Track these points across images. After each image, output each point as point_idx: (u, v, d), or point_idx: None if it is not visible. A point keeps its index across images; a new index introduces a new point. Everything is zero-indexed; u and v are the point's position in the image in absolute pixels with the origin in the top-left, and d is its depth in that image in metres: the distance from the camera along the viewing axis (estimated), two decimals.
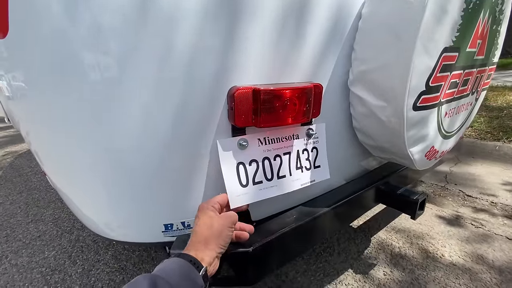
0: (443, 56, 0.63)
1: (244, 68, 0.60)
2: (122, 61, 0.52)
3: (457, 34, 0.64)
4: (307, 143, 0.73)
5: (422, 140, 0.73)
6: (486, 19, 0.75)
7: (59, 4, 0.49)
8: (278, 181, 0.68)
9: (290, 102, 0.62)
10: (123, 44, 0.51)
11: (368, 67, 0.66)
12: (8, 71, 0.69)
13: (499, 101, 3.14)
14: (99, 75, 0.53)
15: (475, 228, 1.40)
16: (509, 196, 1.72)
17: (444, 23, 0.59)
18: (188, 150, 0.62)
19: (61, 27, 0.50)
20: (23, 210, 1.82)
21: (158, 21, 0.50)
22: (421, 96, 0.63)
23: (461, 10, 0.62)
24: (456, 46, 0.66)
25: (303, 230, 0.72)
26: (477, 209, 1.59)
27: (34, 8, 0.51)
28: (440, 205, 1.66)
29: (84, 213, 0.79)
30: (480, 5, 0.68)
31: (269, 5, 0.58)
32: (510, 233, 1.34)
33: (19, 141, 3.53)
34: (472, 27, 0.69)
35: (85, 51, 0.51)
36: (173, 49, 0.53)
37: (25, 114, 0.76)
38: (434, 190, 1.85)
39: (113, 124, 0.57)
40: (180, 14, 0.51)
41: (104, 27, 0.49)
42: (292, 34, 0.63)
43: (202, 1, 0.51)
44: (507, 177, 1.96)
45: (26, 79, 0.63)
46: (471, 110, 0.96)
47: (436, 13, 0.56)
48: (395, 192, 0.98)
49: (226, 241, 0.51)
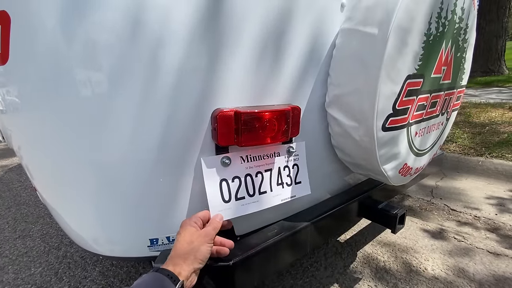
0: (407, 83, 0.69)
1: (227, 91, 0.65)
2: (111, 80, 0.55)
3: (419, 62, 0.71)
4: (288, 160, 0.78)
5: (394, 158, 0.78)
6: (449, 48, 0.83)
7: (55, 35, 0.54)
8: (260, 197, 0.72)
9: (269, 123, 0.68)
10: (113, 64, 0.54)
11: (342, 91, 0.72)
12: (4, 90, 0.73)
13: (481, 118, 3.27)
14: (88, 93, 0.56)
15: (458, 242, 1.44)
16: (492, 210, 1.77)
17: (405, 54, 0.66)
18: (174, 167, 0.66)
19: (54, 50, 0.54)
20: (11, 225, 1.80)
21: (148, 43, 0.55)
22: (389, 118, 0.69)
23: (422, 42, 0.69)
24: (420, 73, 0.73)
25: (284, 244, 0.75)
26: (461, 223, 1.63)
27: (32, 39, 0.56)
28: (426, 219, 1.70)
29: (73, 229, 0.81)
30: (441, 37, 0.76)
31: (251, 34, 0.64)
32: (492, 247, 1.38)
33: (9, 155, 3.50)
34: (435, 56, 0.77)
35: (75, 71, 0.55)
36: (160, 70, 0.57)
37: (18, 128, 0.79)
38: (420, 204, 1.90)
39: (100, 140, 0.60)
40: (168, 38, 0.56)
41: (96, 47, 0.53)
42: (272, 60, 0.69)
43: (189, 27, 0.57)
44: (490, 192, 2.02)
45: (21, 96, 0.66)
46: (443, 129, 1.02)
47: (397, 46, 0.63)
48: (376, 206, 1.03)
49: (205, 256, 0.55)
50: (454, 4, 0.76)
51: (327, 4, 0.74)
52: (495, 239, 1.45)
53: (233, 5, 0.60)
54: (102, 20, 0.52)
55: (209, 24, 0.59)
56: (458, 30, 0.83)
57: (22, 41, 0.56)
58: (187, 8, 0.56)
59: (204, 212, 0.63)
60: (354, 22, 0.70)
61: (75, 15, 0.52)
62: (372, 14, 0.66)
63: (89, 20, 0.52)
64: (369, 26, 0.65)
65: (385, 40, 0.61)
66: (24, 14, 0.54)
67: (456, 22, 0.81)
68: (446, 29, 0.76)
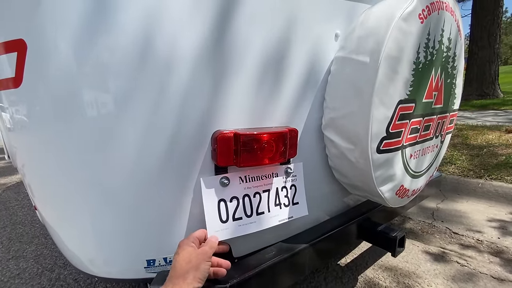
0: (399, 107, 0.73)
1: (227, 114, 0.69)
2: (117, 102, 0.58)
3: (410, 88, 0.75)
4: (286, 181, 0.79)
5: (390, 180, 0.80)
6: (438, 75, 0.88)
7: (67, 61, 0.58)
8: (257, 217, 0.72)
9: (267, 144, 0.70)
10: (120, 87, 0.58)
11: (337, 115, 0.75)
12: (14, 109, 0.76)
13: (479, 140, 3.30)
14: (93, 115, 0.59)
15: (461, 267, 1.40)
16: (495, 233, 1.74)
17: (396, 80, 0.70)
18: (173, 188, 0.67)
19: (66, 75, 0.58)
20: (5, 245, 1.76)
21: (155, 69, 0.58)
22: (383, 141, 0.72)
23: (412, 70, 0.73)
24: (412, 98, 0.77)
25: (282, 266, 0.74)
26: (463, 246, 1.60)
27: (45, 65, 0.59)
28: (427, 242, 1.67)
29: (70, 249, 0.81)
30: (430, 65, 0.80)
31: (251, 61, 0.68)
32: (495, 272, 1.35)
33: (8, 173, 3.50)
34: (425, 83, 0.81)
35: (83, 95, 0.58)
36: (166, 94, 0.61)
37: (23, 146, 0.81)
38: (422, 227, 1.87)
39: (102, 161, 0.62)
40: (175, 64, 0.60)
41: (106, 72, 0.57)
42: (271, 85, 0.73)
43: (195, 54, 0.61)
44: (492, 214, 2.00)
45: (29, 115, 0.68)
46: (438, 152, 1.05)
47: (388, 73, 0.67)
48: (375, 228, 1.02)
49: (203, 275, 0.54)
50: (441, 35, 0.82)
51: (322, 34, 0.80)
52: (498, 263, 1.42)
53: (236, 34, 0.65)
54: (113, 46, 0.56)
55: (213, 51, 0.63)
56: (446, 58, 0.88)
57: (36, 66, 0.60)
58: (194, 36, 0.60)
59: (200, 231, 0.63)
60: (348, 50, 0.75)
61: (87, 42, 0.56)
62: (364, 44, 0.71)
63: (100, 46, 0.56)
64: (361, 55, 0.70)
65: (376, 68, 0.65)
66: (40, 41, 0.59)
67: (444, 51, 0.86)
68: (435, 57, 0.81)
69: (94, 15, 0.55)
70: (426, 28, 0.73)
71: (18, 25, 0.59)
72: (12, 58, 0.60)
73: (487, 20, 6.93)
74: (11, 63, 0.60)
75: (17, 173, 3.40)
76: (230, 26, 0.64)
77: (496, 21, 6.93)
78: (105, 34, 0.55)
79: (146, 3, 0.56)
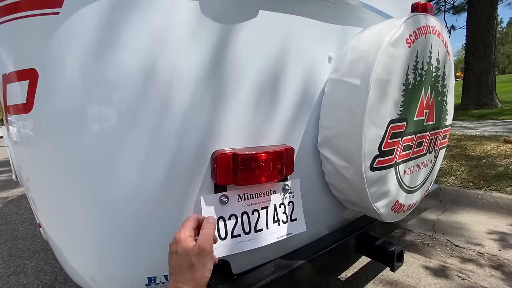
0: (390, 126, 0.76)
1: (226, 134, 0.72)
2: (121, 122, 0.61)
3: (401, 108, 0.78)
4: (284, 198, 0.82)
5: (385, 196, 0.82)
6: (429, 94, 0.91)
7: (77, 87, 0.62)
8: (256, 235, 0.74)
9: (265, 163, 0.73)
10: (124, 109, 0.61)
11: (331, 134, 0.79)
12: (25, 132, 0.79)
13: (477, 150, 3.32)
14: (96, 134, 0.62)
15: (462, 280, 1.40)
16: (496, 245, 1.74)
17: (387, 101, 0.74)
18: (174, 206, 0.69)
19: (75, 101, 0.62)
20: (5, 261, 1.77)
21: (157, 91, 0.62)
22: (376, 159, 0.75)
23: (401, 91, 0.77)
24: (403, 117, 0.80)
25: (281, 283, 0.76)
26: (464, 260, 1.60)
27: (55, 92, 0.63)
28: (428, 255, 1.66)
29: (71, 265, 0.82)
30: (420, 85, 0.84)
31: (249, 82, 0.72)
32: (496, 285, 1.34)
33: (9, 187, 3.52)
34: (416, 102, 0.84)
35: (89, 121, 0.62)
36: (167, 116, 0.64)
37: (28, 161, 0.83)
38: (422, 240, 1.86)
39: (105, 178, 0.64)
40: (176, 86, 0.63)
41: (112, 99, 0.60)
42: (268, 105, 0.77)
43: (195, 77, 0.65)
44: (492, 226, 1.99)
45: (37, 134, 0.70)
46: (433, 166, 1.07)
47: (378, 95, 0.71)
48: (373, 243, 1.03)
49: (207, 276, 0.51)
50: (429, 57, 0.86)
51: (316, 57, 0.84)
52: (500, 277, 1.41)
53: (233, 59, 0.69)
54: (120, 79, 0.60)
55: (212, 76, 0.67)
56: (436, 77, 0.92)
57: (46, 94, 0.64)
58: (193, 62, 0.65)
59: (192, 219, 0.58)
60: (340, 73, 0.79)
61: (95, 74, 0.60)
62: (355, 67, 0.75)
63: (108, 80, 0.60)
64: (353, 77, 0.74)
65: (367, 90, 0.69)
66: (51, 71, 0.63)
67: (433, 71, 0.90)
68: (424, 78, 0.85)
69: (103, 49, 0.59)
70: (414, 51, 0.78)
71: (30, 55, 0.63)
72: (24, 85, 0.64)
73: (482, 31, 7.09)
74: (23, 90, 0.64)
75: (18, 187, 3.42)
76: (227, 53, 0.69)
77: (491, 33, 7.08)
78: (112, 67, 0.59)
79: (149, 40, 0.61)
